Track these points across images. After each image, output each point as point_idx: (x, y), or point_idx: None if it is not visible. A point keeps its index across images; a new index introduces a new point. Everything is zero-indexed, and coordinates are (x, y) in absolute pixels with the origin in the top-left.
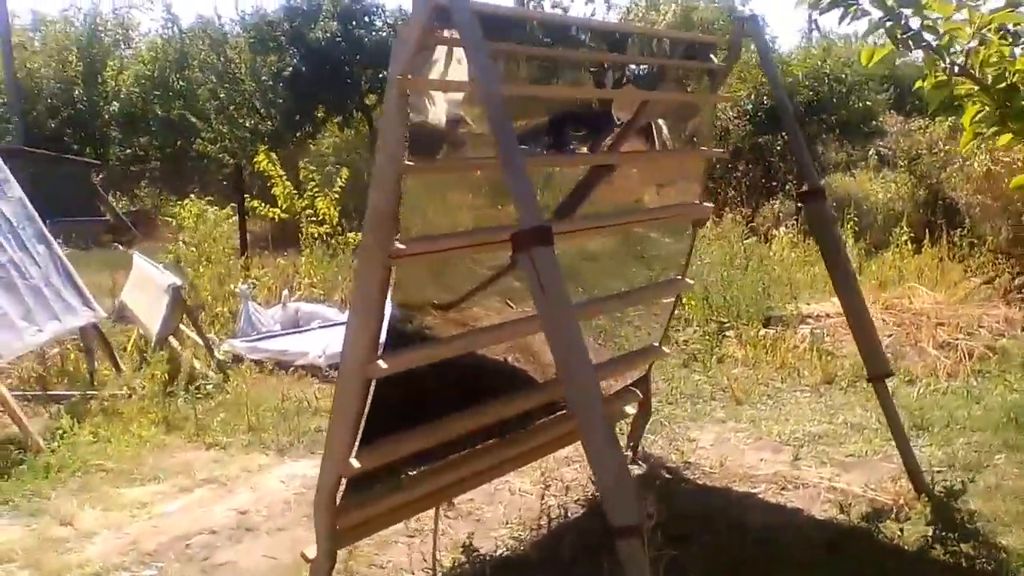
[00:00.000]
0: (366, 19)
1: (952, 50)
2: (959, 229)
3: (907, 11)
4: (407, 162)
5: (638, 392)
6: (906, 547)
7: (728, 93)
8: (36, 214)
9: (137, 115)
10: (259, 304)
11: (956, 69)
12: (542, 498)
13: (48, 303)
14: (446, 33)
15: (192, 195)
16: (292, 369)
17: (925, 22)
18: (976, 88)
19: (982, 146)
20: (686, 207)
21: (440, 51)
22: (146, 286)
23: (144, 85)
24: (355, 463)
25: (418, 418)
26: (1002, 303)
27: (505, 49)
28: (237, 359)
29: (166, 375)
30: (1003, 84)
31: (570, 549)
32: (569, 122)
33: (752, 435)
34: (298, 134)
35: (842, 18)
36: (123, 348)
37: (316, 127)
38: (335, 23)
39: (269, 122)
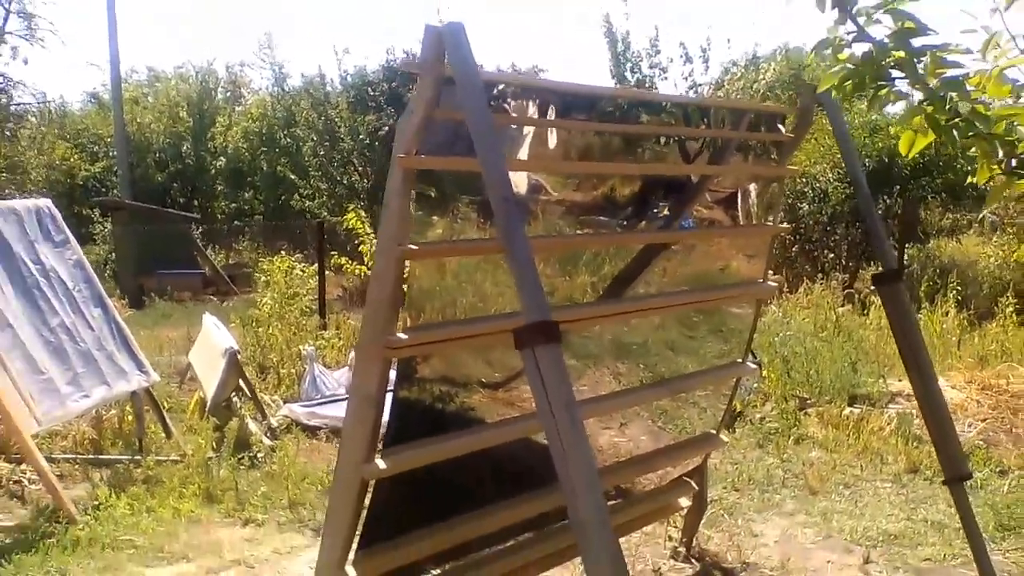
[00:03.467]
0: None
1: (1013, 138)
2: None
3: (953, 94)
4: (411, 246)
5: (692, 483)
6: None
7: (824, 156)
8: (94, 276)
9: (243, 170)
10: (326, 366)
11: (1012, 163)
12: None
13: (98, 367)
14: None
15: (283, 251)
16: None
17: (976, 106)
18: None
19: None
20: (749, 285)
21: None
22: (208, 348)
23: (251, 141)
24: (351, 571)
25: (431, 515)
26: None
27: (545, 124)
28: (293, 425)
29: (213, 443)
30: None
31: None
32: (657, 190)
33: (822, 531)
34: None
35: (872, 104)
36: (183, 410)
37: None
38: None
39: (365, 180)
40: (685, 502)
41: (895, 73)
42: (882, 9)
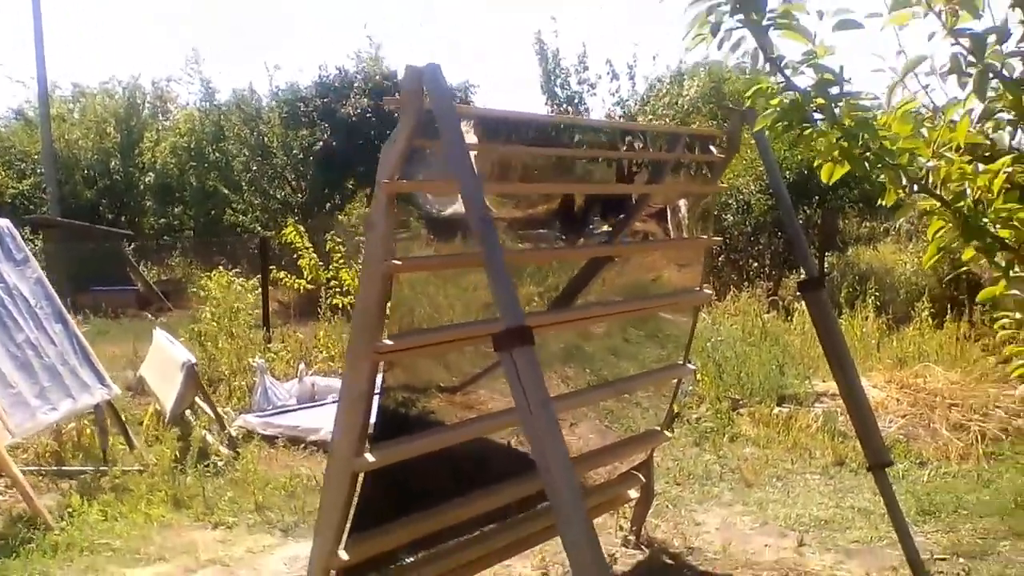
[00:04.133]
0: (396, 95)
1: (912, 167)
2: (981, 305)
3: (864, 133)
4: (395, 261)
5: (640, 476)
6: None
7: (747, 169)
8: (54, 293)
9: (172, 186)
10: (276, 378)
11: (915, 188)
12: None
13: (63, 382)
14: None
15: (220, 266)
16: (304, 445)
17: (884, 142)
18: (938, 205)
19: None
20: (686, 293)
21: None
22: (162, 362)
23: (180, 156)
24: (343, 555)
25: (415, 502)
26: (1018, 382)
27: (498, 150)
28: (250, 435)
29: (176, 452)
30: (962, 203)
31: None
32: (595, 205)
33: (759, 519)
34: (327, 205)
35: (797, 141)
36: (139, 422)
37: (345, 199)
38: (365, 99)
39: (299, 194)
40: (634, 494)
41: (817, 116)
42: (805, 63)
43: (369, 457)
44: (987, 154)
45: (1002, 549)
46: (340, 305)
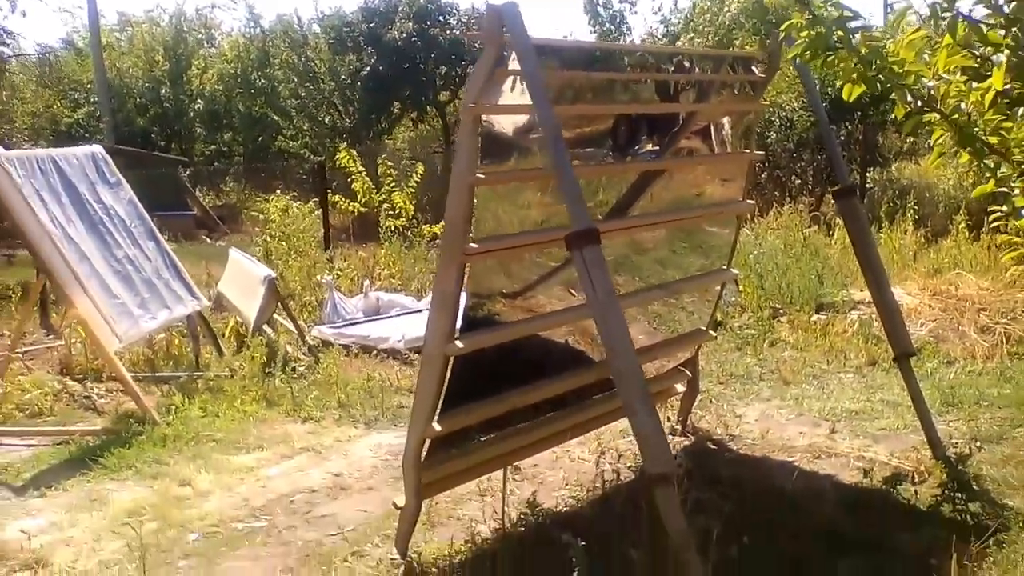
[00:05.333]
0: (440, 19)
1: (917, 86)
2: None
3: (877, 59)
4: (479, 175)
5: (687, 372)
6: (919, 505)
7: (790, 86)
8: (145, 213)
9: (220, 113)
10: (343, 293)
11: (920, 104)
12: (597, 464)
13: (159, 294)
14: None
15: (278, 191)
16: (375, 353)
17: (894, 67)
18: (938, 117)
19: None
20: (729, 204)
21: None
22: (242, 278)
23: (227, 83)
24: (436, 427)
25: (490, 392)
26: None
27: (565, 76)
28: (325, 344)
29: (264, 358)
30: (957, 116)
31: (621, 506)
32: (642, 124)
33: (794, 411)
34: (375, 130)
35: (823, 67)
36: (221, 334)
37: (392, 124)
38: (411, 23)
39: (347, 119)
40: (680, 387)
41: (838, 45)
42: (829, 3)
43: (459, 343)
44: (982, 72)
45: (1016, 435)
46: (394, 227)
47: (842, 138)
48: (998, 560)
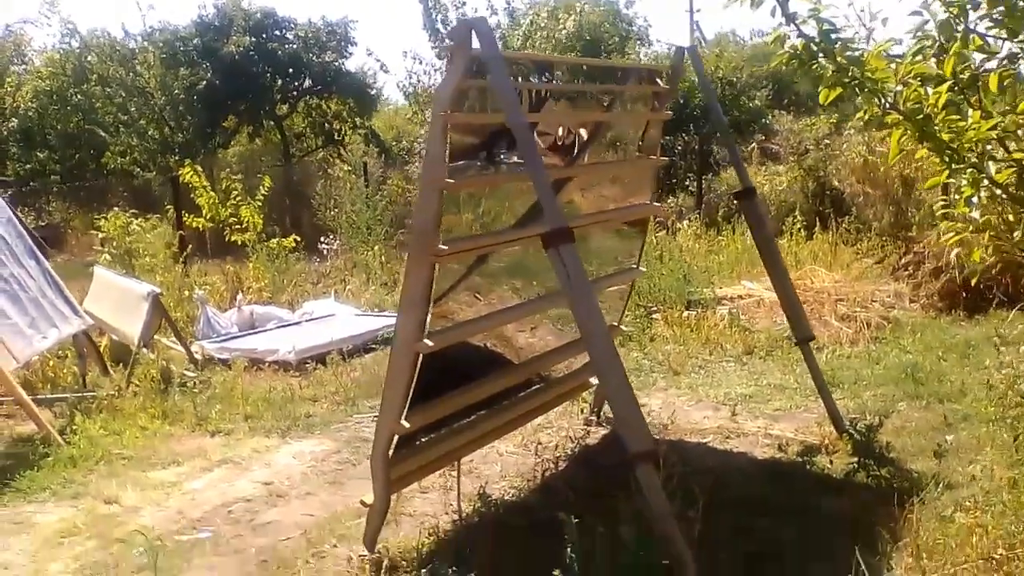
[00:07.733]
0: (278, 33)
1: (883, 91)
2: (846, 216)
3: (855, 69)
4: (447, 180)
5: None
6: (835, 475)
7: None
8: (24, 231)
9: (35, 131)
10: (214, 308)
11: (887, 105)
12: (536, 455)
13: (46, 312)
14: None
15: (115, 207)
16: (268, 364)
17: (865, 74)
18: (901, 118)
19: (862, 136)
20: (644, 206)
21: None
22: (116, 294)
23: (42, 100)
24: (405, 424)
25: (435, 392)
26: (891, 279)
27: (529, 87)
28: (208, 359)
29: (158, 373)
30: (919, 116)
31: (563, 493)
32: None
33: (692, 398)
34: (209, 144)
35: (803, 72)
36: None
37: (228, 138)
38: (247, 37)
39: (180, 134)
40: (594, 380)
41: (821, 55)
42: (811, 17)
43: (428, 342)
44: (939, 79)
45: (900, 408)
46: (240, 241)
47: (679, 149)
48: (921, 517)
